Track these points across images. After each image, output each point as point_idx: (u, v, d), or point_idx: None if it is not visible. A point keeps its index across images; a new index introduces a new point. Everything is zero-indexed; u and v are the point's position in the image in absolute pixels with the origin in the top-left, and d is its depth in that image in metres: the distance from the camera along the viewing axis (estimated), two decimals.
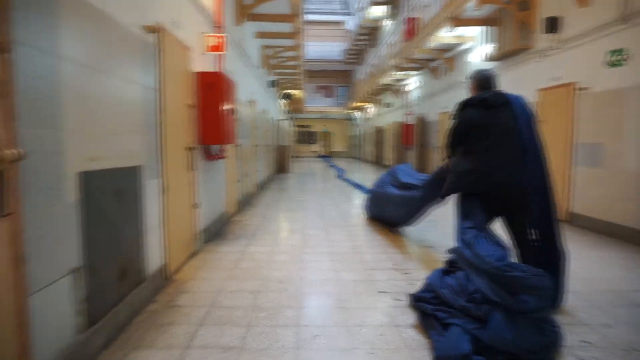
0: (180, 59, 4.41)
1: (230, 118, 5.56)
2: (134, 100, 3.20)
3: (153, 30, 3.58)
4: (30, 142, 1.96)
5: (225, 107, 5.25)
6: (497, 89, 3.53)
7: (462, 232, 3.20)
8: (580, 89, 6.73)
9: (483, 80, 3.56)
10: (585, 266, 4.46)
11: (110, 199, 2.77)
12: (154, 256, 3.52)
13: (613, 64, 6.03)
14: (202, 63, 5.39)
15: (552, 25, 7.35)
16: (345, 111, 34.82)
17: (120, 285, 2.86)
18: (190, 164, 4.66)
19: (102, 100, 2.69)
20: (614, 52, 6.02)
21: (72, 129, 2.32)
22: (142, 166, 3.30)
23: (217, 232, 5.95)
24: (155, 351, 2.57)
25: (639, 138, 5.54)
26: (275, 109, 16.69)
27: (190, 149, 4.66)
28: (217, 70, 5.98)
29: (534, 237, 3.25)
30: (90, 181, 2.50)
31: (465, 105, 3.52)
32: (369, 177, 16.67)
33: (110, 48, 2.81)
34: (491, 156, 3.29)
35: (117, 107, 2.91)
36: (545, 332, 2.53)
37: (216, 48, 5.71)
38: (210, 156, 5.54)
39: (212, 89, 5.10)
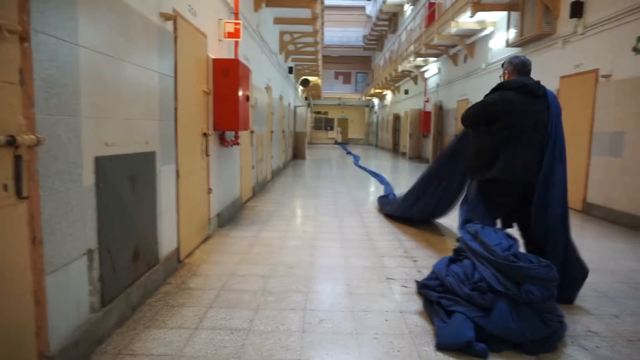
0: (196, 45, 4.46)
1: (245, 104, 5.61)
2: (150, 87, 3.27)
3: (169, 17, 3.63)
4: (48, 127, 2.03)
5: (240, 93, 5.30)
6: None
7: (466, 226, 3.22)
8: (603, 76, 6.55)
9: (521, 65, 3.37)
10: (599, 257, 4.41)
11: (125, 183, 2.86)
12: (167, 240, 3.62)
13: (639, 50, 5.84)
14: (219, 49, 5.44)
15: (577, 9, 7.14)
16: (363, 98, 34.59)
17: (134, 267, 2.96)
18: (204, 150, 4.74)
19: (119, 87, 2.76)
20: None
21: (89, 115, 2.40)
22: (157, 152, 3.38)
23: (231, 217, 6.06)
24: (166, 331, 2.67)
25: None
26: (292, 95, 16.70)
27: (205, 135, 4.74)
28: (233, 56, 6.03)
29: (536, 231, 3.25)
30: (106, 166, 2.59)
31: (503, 87, 3.32)
32: (385, 164, 16.62)
33: (127, 36, 2.87)
34: (516, 146, 3.20)
35: (134, 94, 2.98)
36: (549, 323, 2.53)
37: (233, 34, 5.74)
38: (225, 142, 5.61)
39: (227, 76, 5.15)
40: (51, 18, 2.06)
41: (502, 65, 3.57)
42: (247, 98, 5.74)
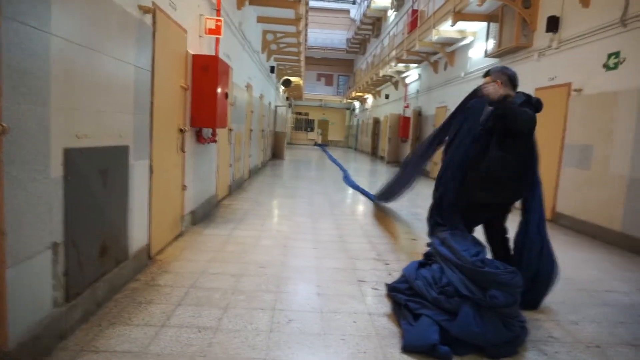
0: (175, 40, 4.41)
1: (223, 102, 5.57)
2: (126, 80, 3.22)
3: (148, 10, 3.58)
4: (16, 117, 1.98)
5: (219, 90, 5.26)
6: None
7: (436, 231, 3.30)
8: (575, 90, 6.76)
9: (514, 77, 3.26)
10: (565, 266, 4.49)
11: (95, 177, 2.80)
12: (138, 236, 3.57)
13: (609, 67, 6.06)
14: (199, 45, 5.39)
15: (553, 24, 7.35)
16: (345, 100, 34.75)
17: (102, 262, 2.91)
18: (180, 146, 4.69)
19: (93, 79, 2.71)
20: (611, 55, 6.04)
21: (60, 106, 2.35)
22: (130, 146, 3.33)
23: (206, 215, 6.00)
24: (132, 328, 2.63)
25: (628, 142, 5.60)
26: (273, 94, 16.65)
27: (181, 131, 4.69)
28: (213, 53, 5.99)
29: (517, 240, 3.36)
30: (76, 158, 2.54)
31: (531, 103, 3.15)
32: (363, 167, 16.72)
33: (103, 27, 2.82)
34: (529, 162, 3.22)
35: (108, 86, 2.93)
36: (511, 327, 2.60)
37: (214, 31, 5.70)
38: (201, 139, 5.56)
39: (206, 72, 5.10)
40: (23, 5, 2.01)
41: (487, 73, 3.34)
42: (226, 95, 5.71)
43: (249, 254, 4.34)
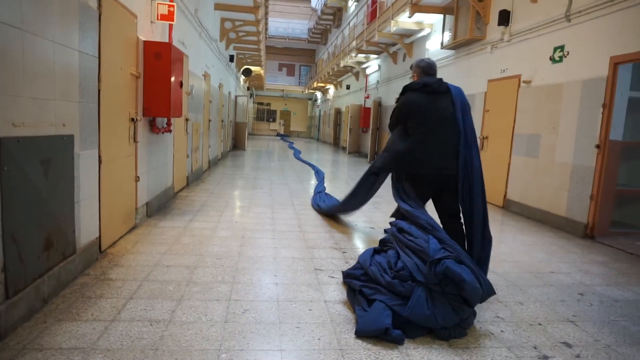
0: (124, 25, 4.24)
1: (178, 90, 5.42)
2: (69, 67, 3.06)
3: None
4: None
5: (173, 79, 5.11)
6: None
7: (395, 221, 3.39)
8: (524, 81, 7.03)
9: (427, 67, 3.66)
10: (513, 250, 4.76)
11: (36, 167, 2.67)
12: (87, 228, 3.43)
13: (555, 60, 6.33)
14: (151, 32, 5.21)
15: (504, 18, 7.59)
16: (307, 91, 34.65)
17: (47, 257, 2.78)
18: (132, 135, 4.53)
19: (31, 64, 2.56)
20: (556, 48, 6.31)
21: None
22: (75, 135, 3.18)
23: (161, 206, 5.85)
24: (80, 324, 2.54)
25: (572, 131, 5.89)
26: (233, 84, 16.36)
27: (133, 120, 4.53)
28: (167, 40, 5.80)
29: (460, 219, 3.46)
30: (13, 148, 2.40)
31: (407, 89, 3.60)
32: (325, 157, 16.77)
33: (41, 9, 2.66)
34: (429, 141, 3.41)
35: (49, 72, 2.78)
36: (460, 312, 2.70)
37: (166, 17, 5.52)
38: (155, 129, 5.40)
39: (159, 60, 4.95)
40: None
41: (411, 67, 3.82)
42: (181, 84, 5.56)
43: (206, 245, 4.28)
